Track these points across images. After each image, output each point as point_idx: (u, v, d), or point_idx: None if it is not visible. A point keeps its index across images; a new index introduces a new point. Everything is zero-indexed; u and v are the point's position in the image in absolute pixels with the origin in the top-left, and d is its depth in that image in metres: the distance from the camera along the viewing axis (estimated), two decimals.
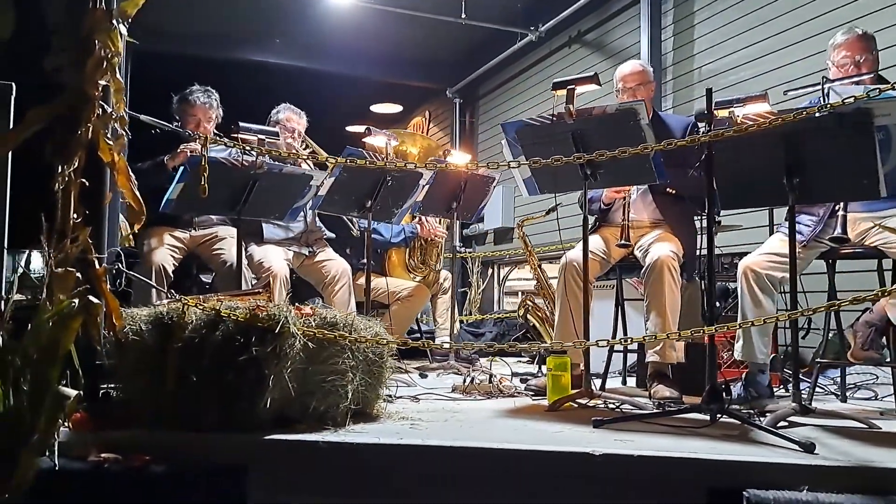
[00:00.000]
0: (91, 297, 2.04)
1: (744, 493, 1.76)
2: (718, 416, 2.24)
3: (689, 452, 1.89)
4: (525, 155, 2.93)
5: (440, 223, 4.68)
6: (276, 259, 3.71)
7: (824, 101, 2.58)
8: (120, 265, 2.32)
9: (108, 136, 2.28)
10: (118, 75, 2.33)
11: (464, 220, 4.28)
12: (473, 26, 7.63)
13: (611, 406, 2.73)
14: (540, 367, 3.55)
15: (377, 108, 11.34)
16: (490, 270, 8.74)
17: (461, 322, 6.35)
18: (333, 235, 4.19)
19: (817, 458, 1.89)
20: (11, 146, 2.24)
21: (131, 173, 2.30)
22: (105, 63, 2.29)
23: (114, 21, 2.28)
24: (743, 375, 2.94)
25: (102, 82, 2.28)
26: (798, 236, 2.85)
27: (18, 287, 2.30)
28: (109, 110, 2.31)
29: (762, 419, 2.32)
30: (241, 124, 3.07)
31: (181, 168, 2.99)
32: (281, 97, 4.32)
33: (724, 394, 2.23)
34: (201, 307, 2.23)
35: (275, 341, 2.09)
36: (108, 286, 2.24)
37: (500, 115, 9.08)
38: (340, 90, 9.25)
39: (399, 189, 3.59)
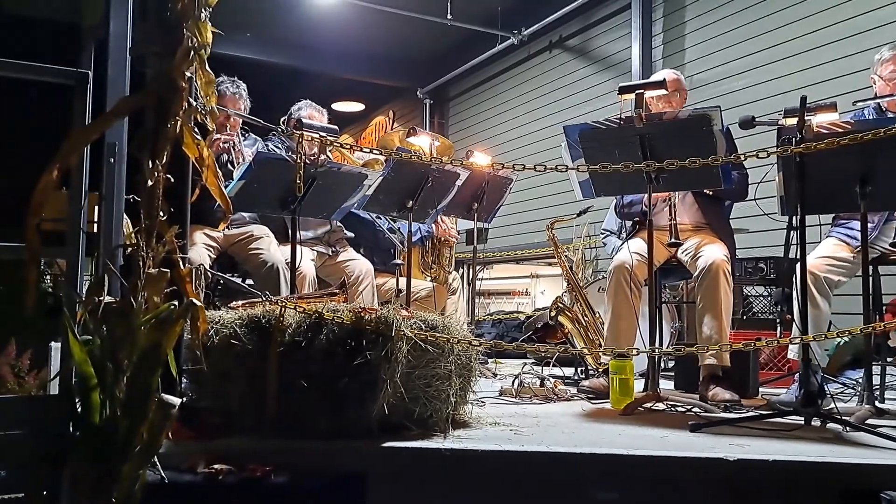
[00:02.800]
0: (193, 300, 1.96)
1: (882, 494, 1.80)
2: (813, 419, 2.29)
3: (818, 456, 1.92)
4: (585, 158, 2.93)
5: (454, 223, 4.65)
6: (304, 259, 3.60)
7: None
8: (204, 266, 2.20)
9: (195, 130, 2.19)
10: (207, 67, 2.24)
11: (481, 221, 4.26)
12: (451, 26, 7.60)
13: (679, 409, 2.75)
14: (577, 370, 3.56)
15: (338, 106, 11.15)
16: (461, 271, 8.73)
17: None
18: (352, 235, 4.10)
19: None
20: (92, 138, 2.12)
21: (218, 170, 2.21)
22: (192, 53, 2.20)
23: (202, 9, 2.20)
24: (797, 376, 3.01)
25: (188, 74, 2.19)
26: (851, 241, 2.95)
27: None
28: (195, 104, 2.22)
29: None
30: (305, 121, 2.96)
31: (246, 165, 2.85)
32: None
33: (819, 399, 2.28)
34: (300, 310, 2.15)
35: (386, 344, 2.02)
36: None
37: (472, 117, 9.08)
38: (300, 86, 9.06)
39: (437, 189, 3.54)
